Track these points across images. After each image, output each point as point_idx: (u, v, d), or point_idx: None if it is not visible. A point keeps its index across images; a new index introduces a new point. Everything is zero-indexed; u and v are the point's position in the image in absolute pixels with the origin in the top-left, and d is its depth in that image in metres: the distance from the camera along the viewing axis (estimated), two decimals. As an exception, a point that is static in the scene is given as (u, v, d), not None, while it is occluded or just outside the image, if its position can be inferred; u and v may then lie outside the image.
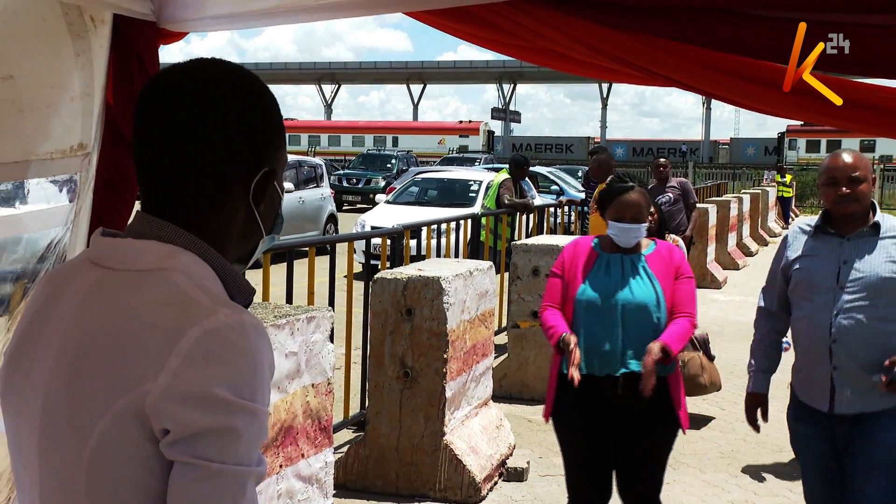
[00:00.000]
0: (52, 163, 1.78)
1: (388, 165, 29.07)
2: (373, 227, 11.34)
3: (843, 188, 3.06)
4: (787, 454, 5.38)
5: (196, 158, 1.14)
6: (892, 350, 3.00)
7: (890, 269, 3.01)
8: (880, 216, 3.10)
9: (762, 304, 3.47)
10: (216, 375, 1.03)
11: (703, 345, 5.95)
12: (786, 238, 3.33)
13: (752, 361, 3.50)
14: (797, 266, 3.20)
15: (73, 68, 1.80)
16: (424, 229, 7.61)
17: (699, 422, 6.18)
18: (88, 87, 1.86)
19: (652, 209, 4.88)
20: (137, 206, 1.33)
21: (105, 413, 1.04)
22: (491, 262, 5.62)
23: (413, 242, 7.36)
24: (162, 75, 1.19)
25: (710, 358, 5.98)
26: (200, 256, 1.14)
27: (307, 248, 5.30)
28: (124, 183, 1.95)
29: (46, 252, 1.87)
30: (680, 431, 3.42)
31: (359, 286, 5.91)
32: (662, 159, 9.78)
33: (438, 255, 7.95)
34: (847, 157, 3.12)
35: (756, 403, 3.50)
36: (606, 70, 1.94)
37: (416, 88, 65.58)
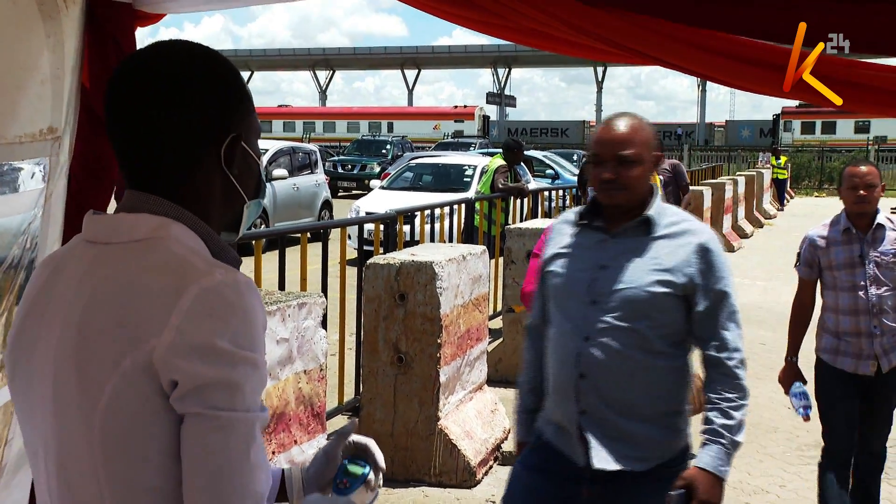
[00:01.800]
0: (21, 147, 1.76)
1: (384, 151, 28.99)
2: (367, 213, 11.31)
3: (606, 172, 2.28)
4: (781, 434, 5.40)
5: (166, 130, 1.20)
6: (658, 393, 2.31)
7: (657, 280, 2.25)
8: (656, 208, 2.33)
9: (529, 319, 2.62)
10: (216, 329, 1.10)
11: None
12: (549, 228, 2.58)
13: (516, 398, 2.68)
14: (550, 268, 2.43)
15: (44, 50, 1.77)
16: (418, 214, 7.59)
17: (694, 404, 6.18)
18: (59, 70, 1.84)
19: None
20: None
21: (114, 371, 1.10)
22: (485, 247, 5.60)
23: (407, 228, 7.35)
24: (128, 58, 1.27)
25: None
26: (189, 226, 1.21)
27: (299, 235, 5.28)
28: (102, 167, 1.93)
29: (14, 238, 1.85)
30: None
31: (352, 272, 5.90)
32: None
33: (432, 241, 7.93)
34: (619, 127, 2.29)
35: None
36: (591, 49, 1.92)
37: (410, 74, 65.34)
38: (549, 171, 18.58)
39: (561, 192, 12.71)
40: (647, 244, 2.30)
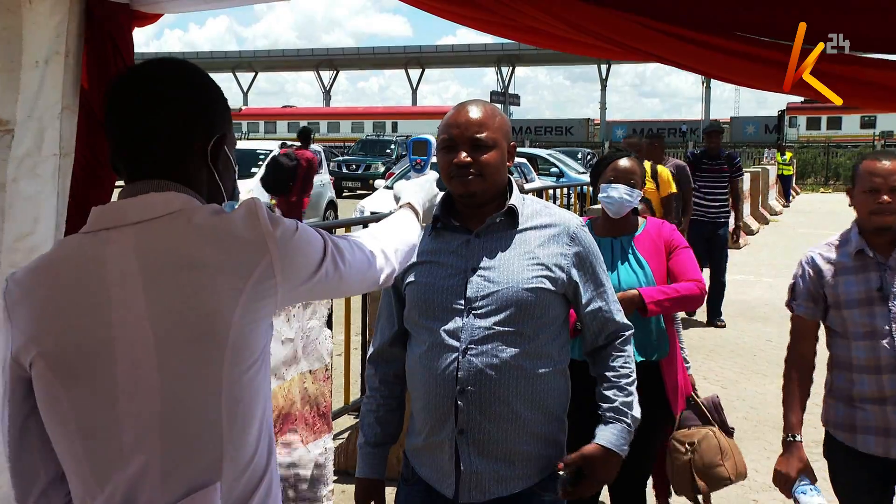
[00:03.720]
0: None
1: (388, 151, 28.99)
2: (372, 213, 11.31)
3: (462, 154, 2.11)
4: (789, 432, 5.37)
5: (161, 129, 1.39)
6: (543, 403, 2.13)
7: (534, 276, 2.10)
8: (517, 198, 2.19)
9: (373, 347, 2.37)
10: (289, 227, 1.42)
11: (715, 412, 3.91)
12: None
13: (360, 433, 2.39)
14: (410, 278, 2.19)
15: None
16: (423, 214, 7.54)
17: (701, 401, 6.17)
18: (13, 63, 1.85)
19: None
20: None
21: (241, 293, 1.34)
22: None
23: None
24: (130, 69, 1.49)
25: (728, 432, 3.85)
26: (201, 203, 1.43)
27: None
28: (103, 167, 1.93)
29: None
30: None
31: (357, 272, 5.89)
32: (646, 139, 8.27)
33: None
34: (472, 111, 2.13)
35: (365, 491, 2.31)
36: (592, 47, 1.91)
37: (414, 73, 65.33)
38: (553, 170, 18.56)
39: (566, 189, 12.68)
40: (516, 238, 2.15)
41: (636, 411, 2.21)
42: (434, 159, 2.22)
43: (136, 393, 1.33)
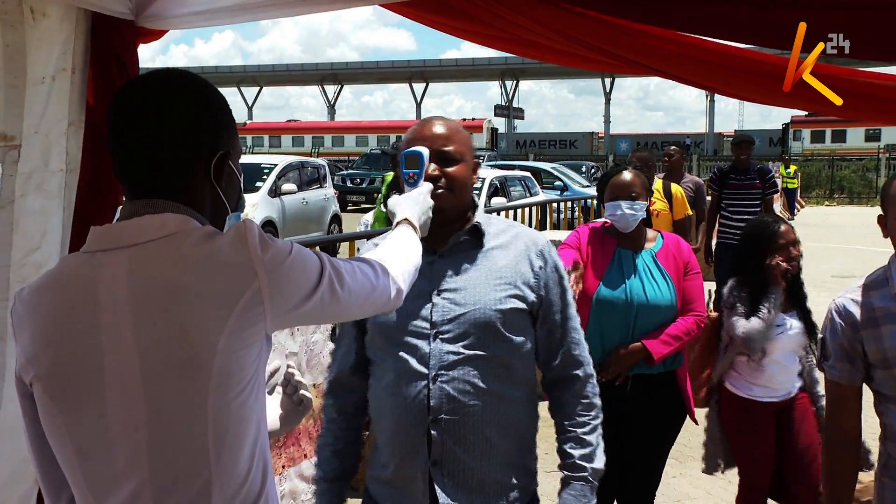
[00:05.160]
0: None
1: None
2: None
3: (431, 166, 2.01)
4: (795, 446, 5.34)
5: (165, 143, 1.38)
6: (516, 430, 2.04)
7: (503, 296, 2.01)
8: (482, 216, 2.11)
9: (330, 376, 2.23)
10: (281, 251, 1.37)
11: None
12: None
13: (315, 464, 2.25)
14: None
15: None
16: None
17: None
18: (16, 79, 1.87)
19: (794, 250, 3.88)
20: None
21: (227, 321, 1.31)
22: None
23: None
24: (130, 82, 1.46)
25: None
26: (199, 222, 1.40)
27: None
28: (108, 183, 1.94)
29: None
30: (688, 424, 3.40)
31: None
32: (673, 147, 7.64)
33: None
34: (436, 125, 2.06)
35: None
36: (591, 61, 1.92)
37: (418, 87, 65.56)
38: (557, 183, 18.59)
39: (570, 203, 12.69)
40: (482, 257, 2.05)
41: (597, 462, 2.06)
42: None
43: (125, 419, 1.34)
